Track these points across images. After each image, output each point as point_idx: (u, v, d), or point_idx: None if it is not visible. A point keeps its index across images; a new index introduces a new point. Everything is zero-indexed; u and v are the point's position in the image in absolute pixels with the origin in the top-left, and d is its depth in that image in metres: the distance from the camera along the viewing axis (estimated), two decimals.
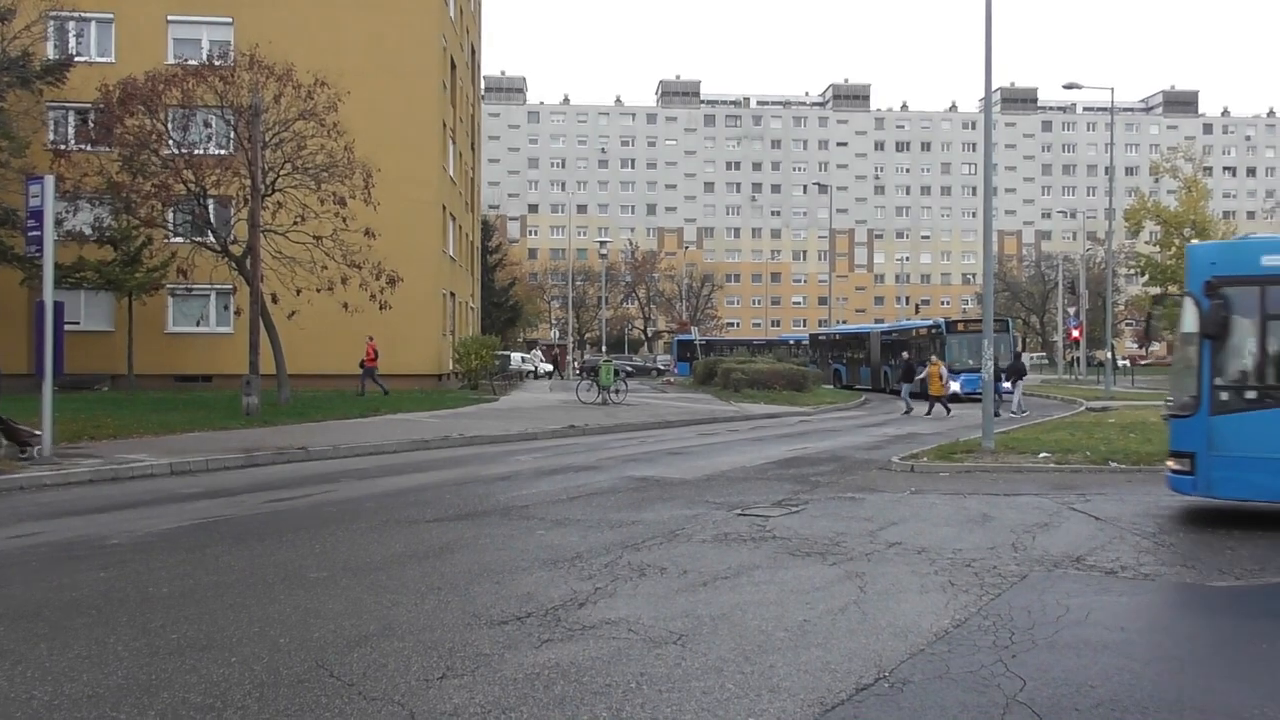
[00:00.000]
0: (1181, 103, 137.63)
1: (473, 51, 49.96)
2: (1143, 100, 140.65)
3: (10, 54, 29.95)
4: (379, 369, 30.97)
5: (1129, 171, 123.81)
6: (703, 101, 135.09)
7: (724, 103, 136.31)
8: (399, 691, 5.41)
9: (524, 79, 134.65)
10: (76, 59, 32.09)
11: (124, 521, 10.79)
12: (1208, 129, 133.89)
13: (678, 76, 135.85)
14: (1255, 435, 10.32)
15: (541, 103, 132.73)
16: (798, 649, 6.24)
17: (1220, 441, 10.41)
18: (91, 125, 28.60)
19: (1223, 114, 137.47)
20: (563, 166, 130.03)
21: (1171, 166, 51.48)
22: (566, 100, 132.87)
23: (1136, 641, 6.68)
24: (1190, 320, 10.77)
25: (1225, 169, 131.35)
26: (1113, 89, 46.99)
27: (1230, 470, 10.41)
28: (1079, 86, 43.47)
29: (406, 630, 6.56)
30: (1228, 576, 8.47)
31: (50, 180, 15.77)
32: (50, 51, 32.39)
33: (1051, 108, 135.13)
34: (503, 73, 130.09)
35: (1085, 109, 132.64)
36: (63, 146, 29.91)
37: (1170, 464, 11.11)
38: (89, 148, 28.15)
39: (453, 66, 40.67)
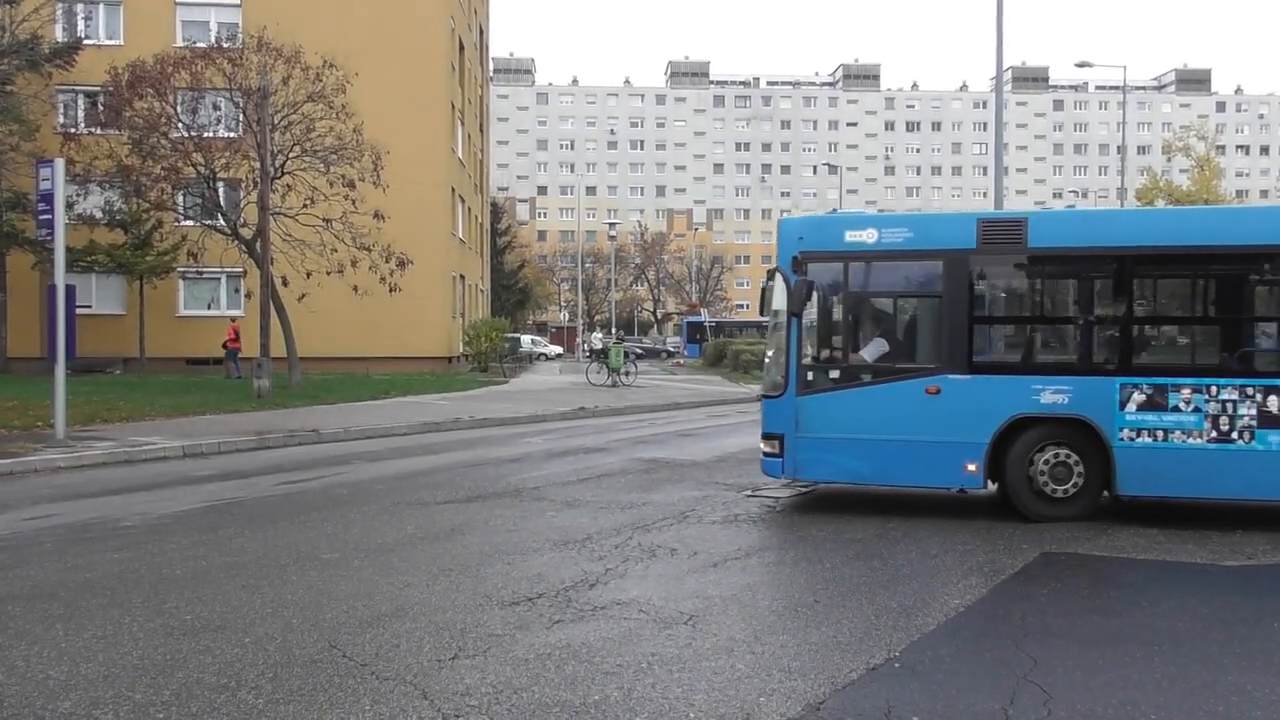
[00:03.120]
0: (1194, 81, 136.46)
1: (481, 32, 49.81)
2: (1155, 79, 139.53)
3: (19, 37, 29.98)
4: (241, 351, 30.17)
5: (1141, 150, 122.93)
6: (712, 82, 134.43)
7: (733, 83, 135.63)
8: (411, 672, 5.45)
9: (532, 60, 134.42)
10: (85, 42, 32.11)
11: (138, 503, 10.87)
12: (1220, 107, 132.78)
13: (686, 57, 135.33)
14: (838, 415, 10.14)
15: (550, 84, 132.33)
16: (808, 629, 6.25)
17: (806, 423, 10.15)
18: (101, 108, 28.63)
19: (1236, 92, 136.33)
20: (571, 148, 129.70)
21: (1184, 145, 51.11)
22: (575, 81, 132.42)
23: (1148, 625, 6.67)
24: (779, 297, 10.45)
25: (1238, 147, 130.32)
26: (1125, 67, 46.54)
27: (815, 452, 10.20)
28: (1091, 65, 43.19)
29: (418, 611, 6.60)
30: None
31: (60, 163, 15.80)
32: (59, 34, 32.41)
33: (1063, 86, 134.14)
34: (511, 54, 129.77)
35: (1097, 88, 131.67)
36: (72, 130, 29.96)
37: (763, 446, 10.64)
38: (98, 131, 28.18)
39: (461, 48, 40.55)
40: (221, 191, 27.95)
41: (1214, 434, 9.36)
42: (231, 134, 27.12)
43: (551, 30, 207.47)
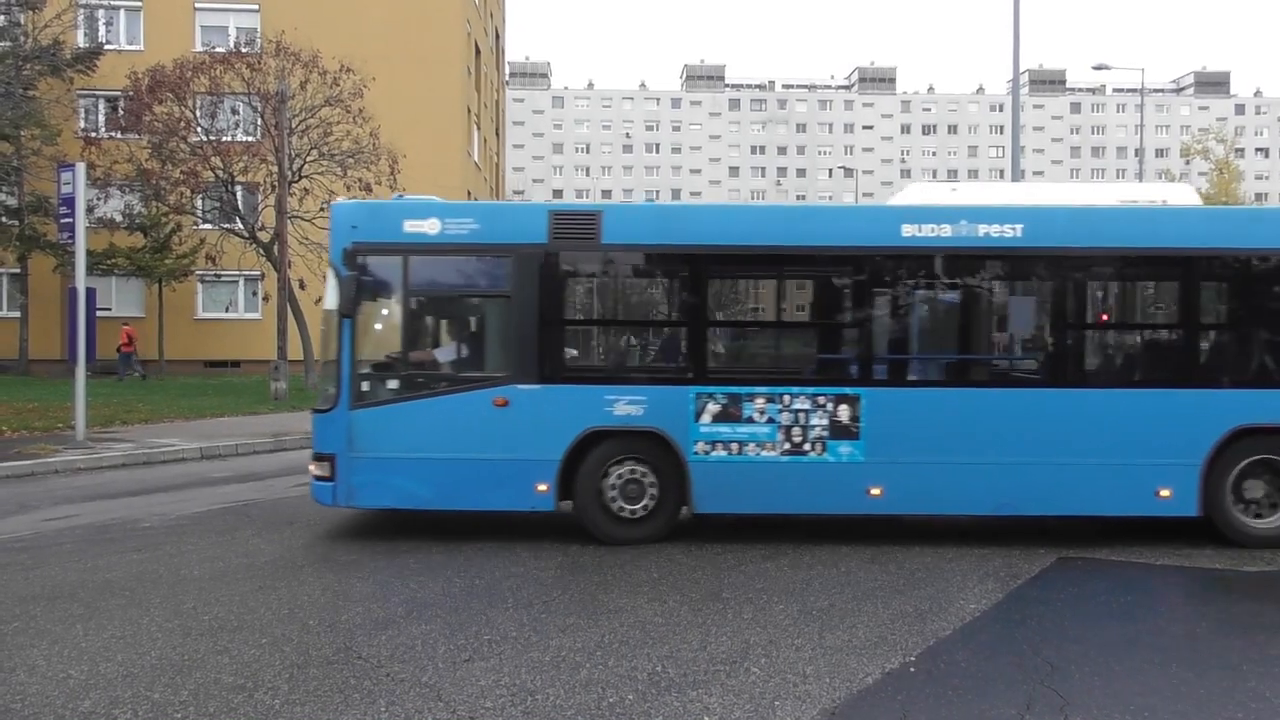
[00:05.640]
0: (1213, 83, 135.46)
1: (497, 36, 49.94)
2: (1173, 81, 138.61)
3: (41, 42, 30.24)
4: (136, 353, 30.27)
5: (1159, 154, 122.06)
6: (727, 85, 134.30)
7: (749, 87, 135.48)
8: (426, 673, 5.47)
9: (548, 64, 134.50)
10: (106, 47, 32.32)
11: (156, 504, 10.94)
12: (1240, 110, 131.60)
13: (702, 61, 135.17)
14: (397, 431, 8.92)
15: (566, 88, 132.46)
16: (823, 633, 6.25)
17: (361, 440, 8.86)
18: (121, 113, 28.84)
19: (1255, 95, 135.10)
20: (587, 151, 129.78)
21: (1203, 148, 50.74)
22: (591, 85, 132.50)
23: (1165, 630, 6.64)
24: (330, 295, 9.12)
25: (1258, 150, 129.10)
26: (1143, 70, 46.30)
27: (371, 474, 8.91)
28: (1108, 67, 42.77)
29: (434, 613, 6.63)
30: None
31: (81, 168, 15.93)
32: (80, 40, 32.64)
33: (1080, 89, 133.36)
34: (527, 58, 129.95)
35: (1115, 90, 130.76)
36: (93, 134, 30.16)
37: (312, 469, 9.21)
38: (119, 135, 28.40)
39: (477, 52, 40.66)
40: (240, 195, 28.11)
41: (787, 446, 8.80)
42: (250, 138, 27.28)
43: (567, 34, 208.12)
